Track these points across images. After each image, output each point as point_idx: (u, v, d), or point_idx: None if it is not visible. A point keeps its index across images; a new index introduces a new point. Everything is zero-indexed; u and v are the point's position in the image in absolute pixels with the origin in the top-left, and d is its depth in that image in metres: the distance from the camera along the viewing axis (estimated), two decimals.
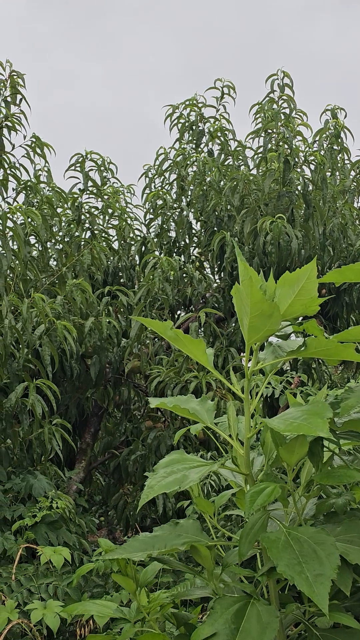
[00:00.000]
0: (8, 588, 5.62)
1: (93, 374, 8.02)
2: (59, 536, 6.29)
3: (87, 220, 8.83)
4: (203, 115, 10.50)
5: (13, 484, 6.61)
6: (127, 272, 9.54)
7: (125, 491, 8.84)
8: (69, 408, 8.49)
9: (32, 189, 7.82)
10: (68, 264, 8.01)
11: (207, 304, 9.31)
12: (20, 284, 7.30)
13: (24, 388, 6.58)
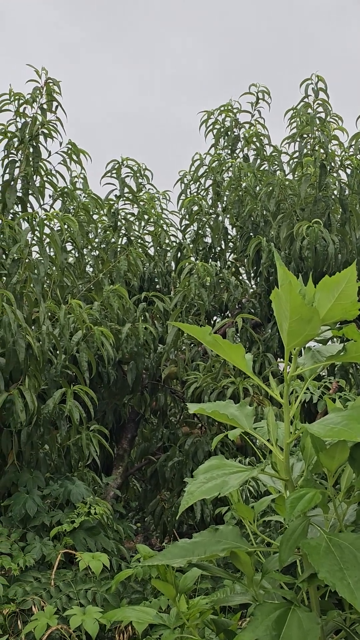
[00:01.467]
0: (47, 594, 5.64)
1: (130, 380, 8.02)
2: (97, 542, 6.30)
3: (124, 227, 8.85)
4: (238, 121, 10.50)
5: (51, 489, 6.63)
6: (163, 278, 9.55)
7: (162, 497, 8.83)
8: (106, 414, 8.51)
9: (69, 195, 7.86)
10: (105, 270, 8.03)
11: (244, 309, 9.29)
12: (57, 290, 7.33)
13: (61, 394, 6.60)
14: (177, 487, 8.24)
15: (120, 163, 8.95)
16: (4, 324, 5.99)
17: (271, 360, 8.59)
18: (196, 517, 7.46)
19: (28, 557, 5.93)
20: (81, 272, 8.27)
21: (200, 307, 8.18)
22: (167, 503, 8.69)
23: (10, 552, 6.03)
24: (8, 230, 6.74)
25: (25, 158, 7.55)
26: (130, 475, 9.17)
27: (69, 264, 7.91)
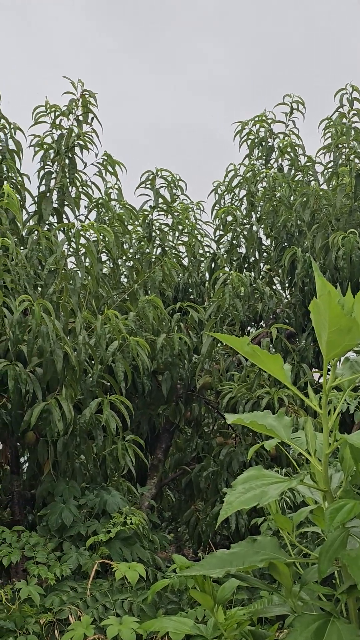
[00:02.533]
0: (84, 603, 5.66)
1: (165, 390, 8.04)
2: (133, 552, 6.30)
3: (158, 237, 8.88)
4: (272, 131, 10.51)
5: (87, 499, 6.65)
6: (197, 288, 9.56)
7: (196, 508, 8.82)
8: (141, 424, 8.53)
9: (104, 206, 7.90)
10: (139, 280, 8.06)
11: (278, 319, 9.27)
12: (93, 300, 7.36)
13: (97, 404, 6.63)
14: (212, 497, 8.23)
15: (154, 174, 8.99)
16: (42, 334, 6.03)
17: (306, 370, 8.56)
18: (231, 527, 7.45)
19: (64, 567, 5.96)
20: (116, 282, 8.30)
21: (234, 318, 8.17)
22: (201, 513, 8.68)
23: (46, 561, 6.06)
24: (45, 241, 6.79)
25: (61, 169, 7.61)
26: (164, 485, 9.17)
27: (104, 275, 7.94)
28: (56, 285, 6.59)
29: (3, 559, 5.92)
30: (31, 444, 6.83)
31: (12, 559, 5.94)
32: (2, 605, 5.73)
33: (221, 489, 7.87)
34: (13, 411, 6.55)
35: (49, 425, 6.27)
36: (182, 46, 50.62)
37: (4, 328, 6.33)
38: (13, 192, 5.74)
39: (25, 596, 5.65)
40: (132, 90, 44.49)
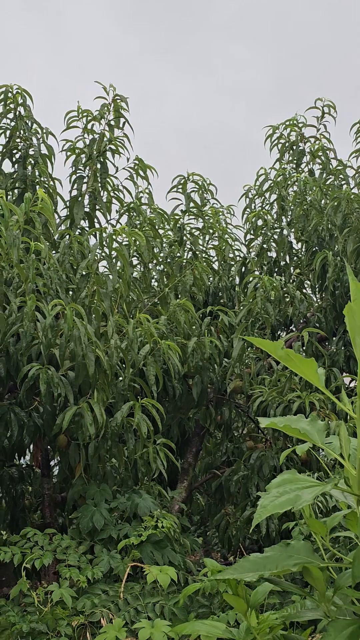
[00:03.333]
0: (115, 606, 5.68)
1: (195, 394, 8.05)
2: (164, 555, 6.31)
3: (188, 241, 8.89)
4: (303, 135, 10.49)
5: (118, 503, 6.67)
6: (227, 292, 9.56)
7: (226, 512, 8.82)
8: (171, 428, 8.54)
9: (135, 210, 7.93)
10: (170, 284, 8.08)
11: (309, 323, 9.25)
12: (124, 304, 7.38)
13: (129, 407, 6.65)
14: (242, 501, 8.23)
15: (186, 178, 9.01)
16: (75, 338, 6.06)
17: (337, 374, 8.54)
18: (261, 532, 7.44)
19: (96, 570, 5.98)
20: (146, 286, 8.33)
21: (265, 321, 8.17)
22: (231, 517, 8.68)
23: (78, 564, 6.08)
24: (77, 246, 6.83)
25: (93, 174, 7.65)
26: (194, 489, 9.18)
27: (135, 279, 7.97)
28: (88, 289, 6.62)
29: (35, 562, 5.95)
30: (63, 447, 6.86)
31: (44, 561, 5.97)
32: (35, 607, 5.76)
33: (252, 493, 7.87)
34: (45, 414, 6.59)
35: (81, 428, 6.30)
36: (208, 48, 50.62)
37: (37, 332, 6.38)
38: (47, 197, 5.77)
39: (57, 598, 5.68)
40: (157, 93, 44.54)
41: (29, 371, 6.25)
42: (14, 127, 7.59)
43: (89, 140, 7.80)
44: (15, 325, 6.39)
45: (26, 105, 7.58)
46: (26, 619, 5.63)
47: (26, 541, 6.28)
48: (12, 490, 7.70)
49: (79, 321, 6.05)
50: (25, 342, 6.34)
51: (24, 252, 5.91)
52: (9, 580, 7.13)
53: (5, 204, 5.35)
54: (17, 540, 6.31)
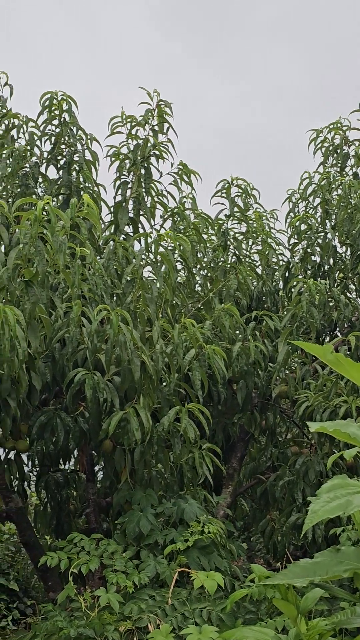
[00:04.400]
0: (162, 612, 5.67)
1: (240, 398, 8.02)
2: (211, 561, 6.30)
3: (232, 246, 8.87)
4: (348, 139, 10.42)
5: (164, 508, 6.66)
6: (271, 296, 9.52)
7: (272, 517, 8.78)
8: (216, 433, 8.51)
9: (180, 215, 7.93)
10: (215, 289, 8.07)
11: (354, 327, 9.18)
12: (168, 309, 7.39)
13: (176, 412, 6.64)
14: (288, 507, 8.18)
15: (230, 183, 9.00)
16: (120, 343, 6.07)
17: None
18: (307, 537, 7.39)
19: (143, 575, 5.98)
20: (190, 291, 8.32)
21: (310, 326, 8.12)
22: (276, 523, 8.64)
23: (125, 569, 6.08)
24: (122, 251, 6.84)
25: (137, 179, 7.68)
26: (239, 494, 9.15)
27: (179, 283, 7.97)
28: (134, 295, 6.64)
29: (82, 567, 5.97)
30: (108, 453, 6.88)
31: (90, 566, 5.99)
32: (82, 612, 5.78)
33: (297, 499, 7.83)
34: (91, 420, 6.61)
35: (127, 433, 6.30)
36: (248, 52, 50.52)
37: (82, 337, 6.40)
38: (92, 202, 5.79)
39: (104, 603, 5.69)
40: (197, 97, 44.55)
41: (75, 376, 6.28)
42: (58, 134, 7.64)
43: (132, 145, 7.83)
44: (61, 330, 6.42)
45: (71, 112, 7.62)
46: (73, 624, 5.65)
47: (73, 546, 6.30)
48: (57, 495, 7.73)
49: (125, 326, 6.06)
50: (71, 347, 6.36)
51: (70, 258, 5.93)
52: (54, 585, 7.15)
53: (52, 209, 5.38)
54: (64, 545, 6.34)
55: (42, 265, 5.54)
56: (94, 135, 7.75)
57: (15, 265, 5.57)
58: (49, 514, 7.88)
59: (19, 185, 7.51)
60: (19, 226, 5.69)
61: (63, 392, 6.66)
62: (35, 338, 5.78)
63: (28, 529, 7.24)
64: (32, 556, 7.31)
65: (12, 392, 5.89)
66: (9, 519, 7.35)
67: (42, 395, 6.79)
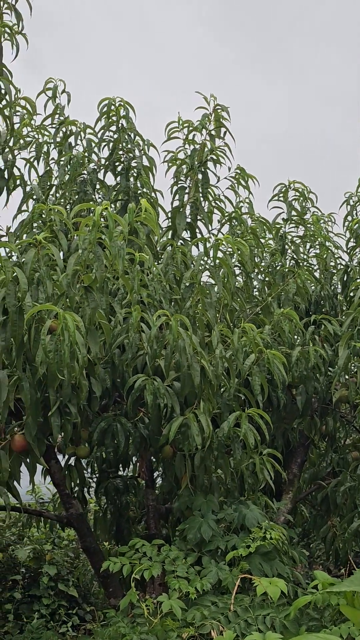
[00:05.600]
0: (225, 619, 5.62)
1: (300, 403, 7.95)
2: (273, 567, 6.24)
3: (289, 250, 8.82)
4: None
5: (225, 514, 6.62)
6: (330, 300, 9.43)
7: (333, 523, 8.70)
8: (276, 438, 8.45)
9: (237, 220, 7.91)
10: (273, 293, 8.02)
11: None
12: (227, 314, 7.36)
13: (236, 417, 6.60)
14: (349, 513, 8.09)
15: (287, 186, 8.95)
16: (180, 349, 6.05)
17: None
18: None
19: (205, 581, 5.94)
20: (248, 296, 8.28)
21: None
22: (338, 529, 8.55)
23: (186, 575, 6.05)
24: (180, 256, 6.83)
25: (194, 184, 7.67)
26: (299, 500, 9.07)
27: (237, 288, 7.94)
28: (192, 300, 6.62)
29: (144, 573, 5.95)
30: (168, 458, 6.87)
31: (153, 572, 5.97)
32: (144, 618, 5.76)
33: (359, 505, 7.74)
34: (151, 425, 6.60)
35: (187, 439, 6.28)
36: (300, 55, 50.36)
37: (142, 343, 6.39)
38: (150, 207, 5.79)
39: (167, 610, 5.66)
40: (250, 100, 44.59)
41: (135, 382, 6.28)
42: (116, 140, 7.68)
43: (190, 150, 7.83)
44: (120, 336, 6.43)
45: (128, 118, 7.66)
46: (136, 630, 5.63)
47: (134, 552, 6.29)
48: (117, 501, 7.74)
49: (184, 331, 6.05)
50: (131, 353, 6.37)
51: (128, 263, 5.94)
52: (115, 591, 7.16)
53: (110, 215, 5.38)
54: (126, 551, 6.33)
55: (101, 271, 5.55)
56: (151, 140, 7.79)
57: (74, 271, 5.59)
58: (108, 520, 7.90)
59: (77, 192, 7.56)
60: (77, 232, 5.70)
61: (122, 397, 6.66)
62: (94, 344, 5.79)
63: (89, 535, 7.26)
64: (93, 562, 7.32)
65: (73, 398, 5.91)
66: (70, 524, 7.37)
67: (102, 401, 6.80)
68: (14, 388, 5.73)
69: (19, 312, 5.40)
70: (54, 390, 5.69)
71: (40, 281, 5.61)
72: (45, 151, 8.08)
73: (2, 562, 9.76)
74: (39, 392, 5.79)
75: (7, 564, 9.73)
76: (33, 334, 5.51)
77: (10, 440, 5.97)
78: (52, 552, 9.81)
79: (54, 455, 6.99)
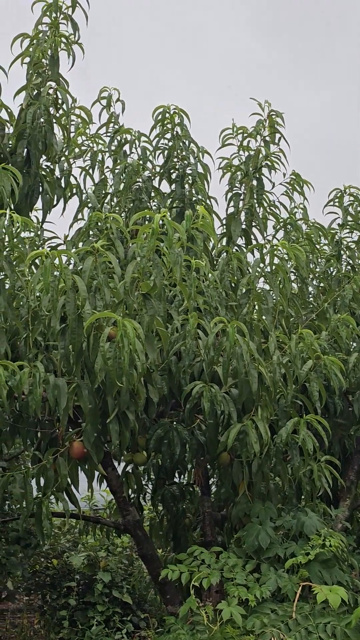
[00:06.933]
0: (285, 626, 5.59)
1: (357, 410, 7.88)
2: (333, 575, 6.19)
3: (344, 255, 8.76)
4: None
5: (283, 521, 6.59)
6: None
7: None
8: (332, 445, 8.39)
9: (292, 225, 7.88)
10: (329, 299, 7.97)
11: None
12: (282, 320, 7.33)
13: (294, 424, 6.57)
14: None
15: (342, 191, 8.90)
16: (237, 355, 6.04)
17: None
18: None
19: (264, 589, 5.91)
20: (303, 302, 8.24)
21: None
22: None
23: (245, 583, 6.03)
24: (236, 262, 6.83)
25: (249, 190, 7.66)
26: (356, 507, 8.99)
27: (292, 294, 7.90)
28: (249, 306, 6.61)
29: (203, 580, 5.94)
30: (225, 465, 6.84)
31: (212, 580, 5.96)
32: (203, 625, 5.75)
33: None
34: (208, 432, 6.59)
35: (245, 446, 6.26)
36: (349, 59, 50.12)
37: (199, 350, 6.39)
38: (207, 214, 5.80)
39: (227, 617, 5.64)
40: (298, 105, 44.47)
41: (192, 389, 6.28)
42: (171, 147, 7.72)
43: (244, 157, 7.83)
44: (177, 343, 6.44)
45: (183, 125, 7.70)
46: (196, 637, 5.63)
47: (193, 559, 6.29)
48: (173, 508, 7.74)
49: (241, 338, 6.04)
50: (188, 360, 6.37)
51: (185, 270, 5.95)
52: (172, 598, 7.15)
53: (168, 222, 5.39)
54: (184, 558, 6.33)
55: (160, 278, 5.56)
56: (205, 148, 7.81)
57: (132, 279, 5.62)
58: (165, 527, 7.90)
59: (132, 200, 7.59)
60: (135, 240, 5.73)
61: (179, 404, 6.66)
62: (152, 351, 5.80)
63: (146, 542, 7.26)
64: (150, 569, 7.33)
65: (131, 405, 5.92)
66: (127, 531, 7.39)
67: (159, 408, 6.80)
68: (73, 395, 5.77)
69: (78, 320, 5.44)
70: (112, 398, 5.72)
71: (98, 289, 5.65)
72: (100, 160, 8.15)
73: (57, 569, 9.81)
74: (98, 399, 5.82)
75: (62, 570, 9.78)
76: (92, 342, 5.55)
77: (68, 447, 6.01)
78: (106, 559, 9.83)
79: (110, 462, 7.02)
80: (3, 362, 5.52)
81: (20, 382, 5.50)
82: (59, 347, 5.61)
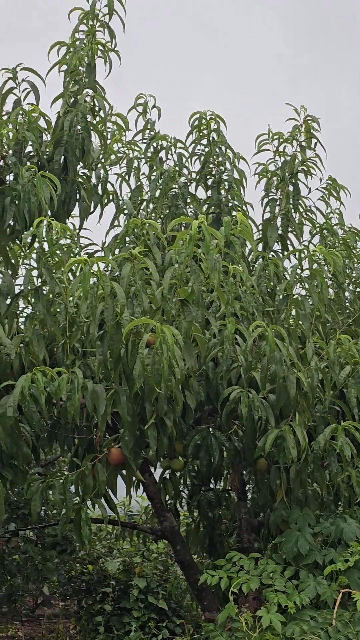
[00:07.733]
0: (325, 634, 5.57)
1: None
2: None
3: None
4: None
5: (322, 527, 6.56)
6: None
7: None
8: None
9: (329, 231, 7.86)
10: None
11: None
12: (319, 326, 7.30)
13: (332, 430, 6.54)
14: None
15: None
16: (275, 360, 6.02)
17: None
18: None
19: (303, 596, 5.89)
20: (340, 307, 8.22)
21: None
22: None
23: (284, 589, 6.01)
24: (273, 268, 6.82)
25: (285, 196, 7.66)
26: None
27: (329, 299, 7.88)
28: (287, 312, 6.60)
29: (243, 586, 5.93)
30: (263, 471, 6.83)
31: (251, 586, 5.94)
32: (243, 632, 5.73)
33: None
34: (245, 438, 6.58)
35: (283, 452, 6.24)
36: None
37: (236, 355, 6.39)
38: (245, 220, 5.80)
39: (266, 624, 5.63)
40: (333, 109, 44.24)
41: (230, 394, 6.27)
42: (207, 153, 7.74)
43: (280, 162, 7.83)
44: (215, 349, 6.43)
45: (219, 131, 7.72)
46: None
47: (231, 565, 6.28)
48: (209, 515, 7.73)
49: (280, 343, 6.02)
50: (225, 365, 6.36)
51: (223, 276, 5.95)
52: (210, 604, 7.14)
53: (206, 228, 5.40)
54: (223, 564, 6.32)
55: (197, 284, 5.57)
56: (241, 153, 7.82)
57: (170, 285, 5.62)
58: (201, 533, 7.89)
59: (168, 206, 7.61)
60: (173, 246, 5.74)
61: (216, 410, 6.65)
62: (190, 357, 5.81)
63: (183, 548, 7.26)
64: (188, 575, 7.32)
65: (169, 411, 5.92)
66: (164, 537, 7.40)
67: (196, 414, 6.80)
68: (111, 402, 5.78)
69: (116, 326, 5.46)
70: (150, 404, 5.72)
71: (136, 295, 5.67)
72: (136, 166, 8.18)
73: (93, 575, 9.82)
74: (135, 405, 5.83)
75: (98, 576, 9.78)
76: (130, 348, 5.56)
77: (107, 454, 6.03)
78: (141, 565, 9.82)
79: (147, 469, 7.03)
80: (42, 368, 5.54)
81: (59, 388, 5.51)
82: (97, 353, 5.62)
